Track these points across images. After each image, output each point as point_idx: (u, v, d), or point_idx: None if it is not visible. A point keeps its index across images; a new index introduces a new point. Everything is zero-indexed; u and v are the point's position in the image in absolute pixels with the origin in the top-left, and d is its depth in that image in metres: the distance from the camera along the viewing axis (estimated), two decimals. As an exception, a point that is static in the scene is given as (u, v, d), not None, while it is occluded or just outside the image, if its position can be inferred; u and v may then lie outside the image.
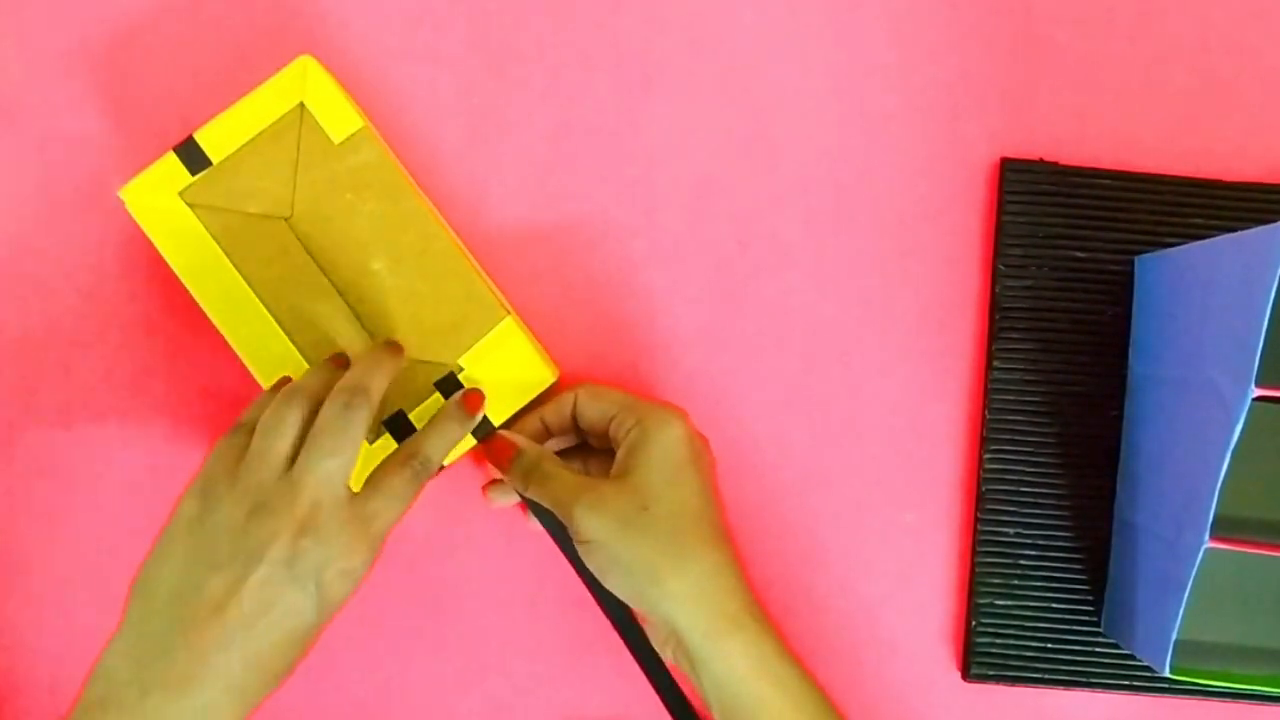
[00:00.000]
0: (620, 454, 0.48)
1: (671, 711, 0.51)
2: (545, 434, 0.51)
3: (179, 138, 0.50)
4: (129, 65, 0.54)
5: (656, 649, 0.48)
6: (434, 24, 0.54)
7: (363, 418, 0.44)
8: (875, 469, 0.54)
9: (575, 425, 0.51)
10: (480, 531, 0.54)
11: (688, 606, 0.45)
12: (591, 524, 0.46)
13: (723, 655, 0.45)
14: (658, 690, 0.51)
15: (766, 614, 0.46)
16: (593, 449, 0.52)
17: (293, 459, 0.43)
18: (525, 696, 0.54)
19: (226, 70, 0.54)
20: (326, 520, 0.42)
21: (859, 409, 0.54)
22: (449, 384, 0.50)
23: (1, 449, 0.54)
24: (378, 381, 0.46)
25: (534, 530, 0.52)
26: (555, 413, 0.51)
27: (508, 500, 0.52)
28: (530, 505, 0.50)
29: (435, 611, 0.54)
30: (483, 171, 0.54)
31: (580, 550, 0.47)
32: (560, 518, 0.47)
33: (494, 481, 0.53)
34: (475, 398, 0.50)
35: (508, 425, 0.51)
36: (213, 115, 0.50)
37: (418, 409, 0.50)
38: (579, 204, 0.54)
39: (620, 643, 0.53)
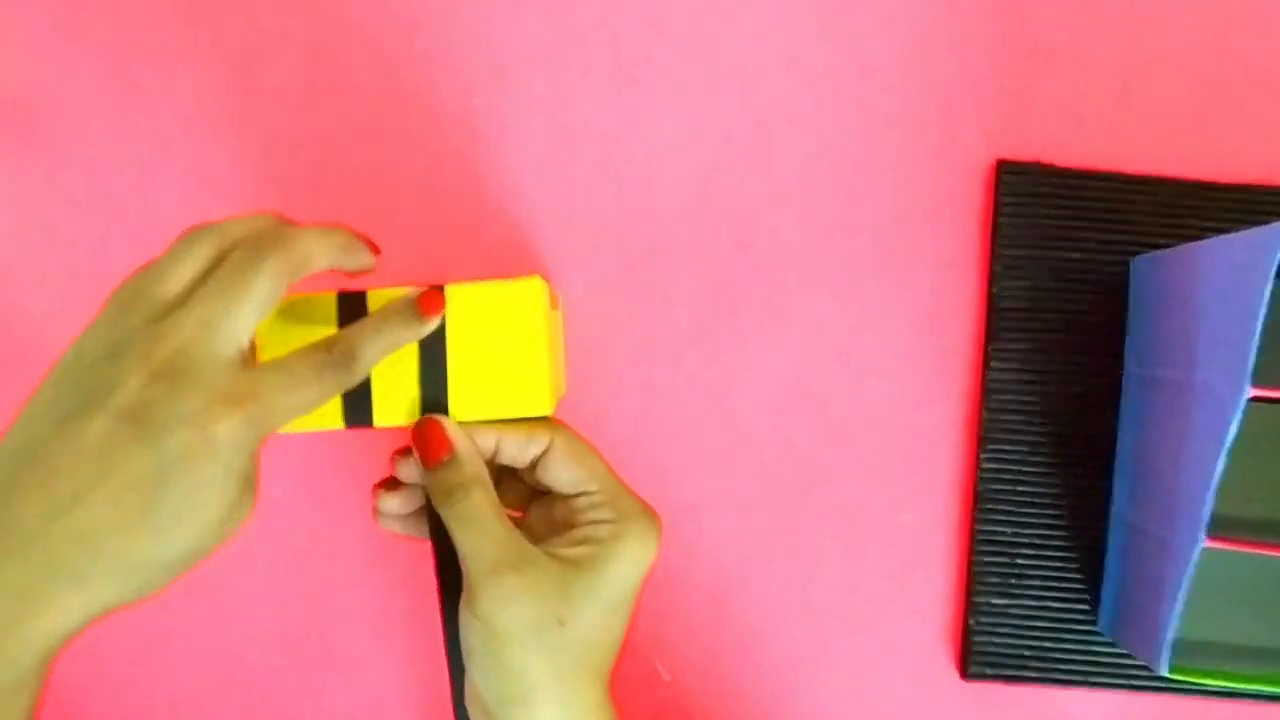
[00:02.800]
0: (574, 537, 0.41)
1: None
2: (491, 460, 0.42)
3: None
4: (132, 65, 0.54)
5: (470, 713, 0.42)
6: (434, 23, 0.54)
7: (275, 271, 0.36)
8: (873, 469, 0.54)
9: (530, 466, 0.43)
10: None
11: None
12: (496, 610, 0.38)
13: None
14: (450, 666, 0.44)
15: None
16: (512, 473, 0.44)
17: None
18: (525, 696, 0.54)
19: (225, 67, 0.54)
20: (192, 369, 0.34)
21: (856, 409, 0.54)
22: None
23: None
24: (310, 243, 0.37)
25: (386, 530, 0.44)
26: (519, 446, 0.42)
27: (398, 509, 0.43)
28: (430, 515, 0.42)
29: (435, 612, 0.54)
30: (482, 171, 0.54)
31: (464, 621, 0.39)
32: (463, 568, 0.40)
33: (392, 486, 0.43)
34: (433, 298, 0.41)
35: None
36: None
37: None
38: (579, 205, 0.54)
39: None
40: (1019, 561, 0.53)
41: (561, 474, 0.42)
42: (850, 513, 0.54)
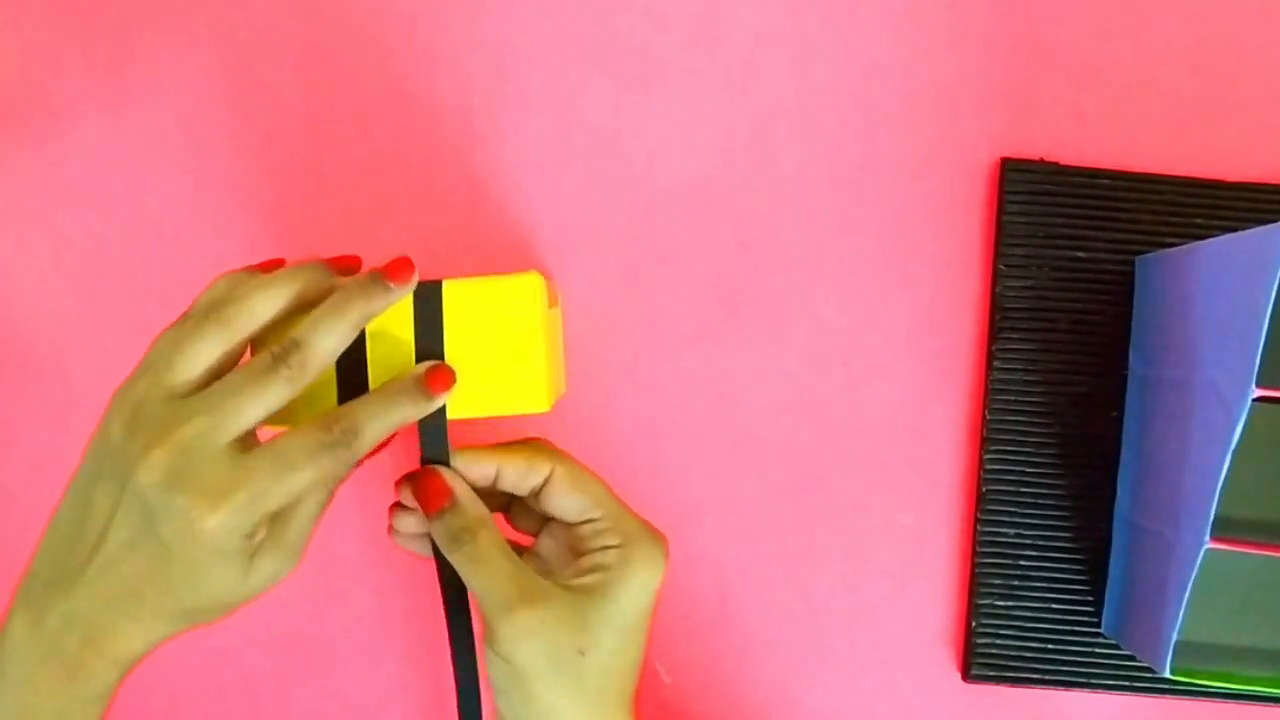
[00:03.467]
0: (583, 566, 0.41)
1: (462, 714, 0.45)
2: (491, 487, 0.43)
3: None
4: (130, 64, 0.54)
5: None
6: (433, 23, 0.54)
7: (289, 377, 0.38)
8: (875, 469, 0.54)
9: (531, 495, 0.43)
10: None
11: None
12: (516, 646, 0.39)
13: None
14: (457, 683, 0.44)
15: None
16: (518, 502, 0.44)
17: (199, 386, 0.38)
18: (525, 697, 0.53)
19: (224, 67, 0.54)
20: (190, 465, 0.37)
21: (859, 409, 0.54)
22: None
23: (1, 449, 0.54)
24: (333, 341, 0.39)
25: (401, 548, 0.45)
26: (520, 474, 0.42)
27: (414, 528, 0.43)
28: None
29: (437, 611, 0.54)
30: (482, 171, 0.54)
31: (488, 659, 0.40)
32: (480, 608, 0.40)
33: (405, 505, 0.43)
34: (443, 375, 0.41)
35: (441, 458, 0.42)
36: None
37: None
38: (579, 204, 0.54)
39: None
40: (1021, 563, 0.53)
41: (564, 503, 0.42)
42: (851, 513, 0.54)
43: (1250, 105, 0.55)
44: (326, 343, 0.39)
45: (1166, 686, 0.52)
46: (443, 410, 0.42)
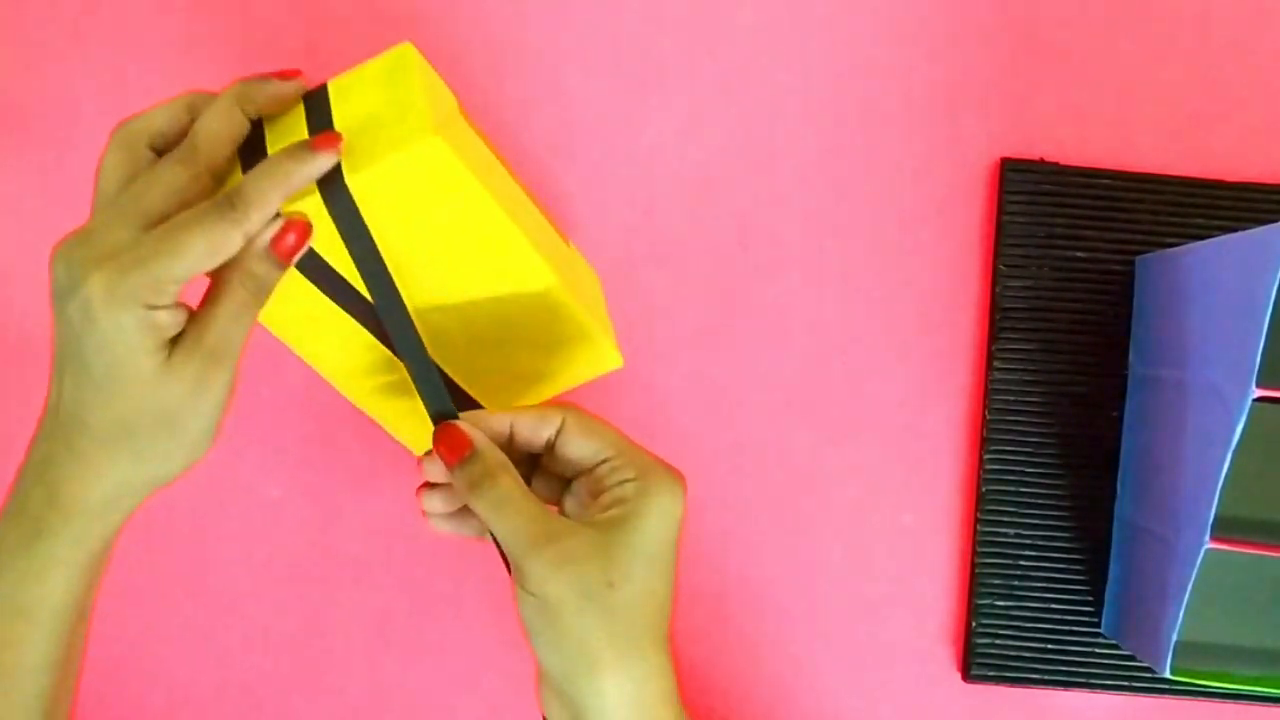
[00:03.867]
0: (604, 502, 0.41)
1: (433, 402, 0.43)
2: (507, 443, 0.43)
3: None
4: (129, 64, 0.54)
5: (542, 702, 0.43)
6: (433, 22, 0.54)
7: (186, 170, 0.39)
8: (875, 469, 0.54)
9: (547, 449, 0.43)
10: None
11: (616, 709, 0.40)
12: (547, 582, 0.39)
13: None
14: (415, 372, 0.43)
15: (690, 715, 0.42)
16: (542, 466, 0.45)
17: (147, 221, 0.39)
18: (525, 697, 0.53)
19: (224, 67, 0.54)
20: (87, 245, 0.38)
21: (859, 409, 0.54)
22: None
23: (1, 449, 0.54)
24: (269, 197, 0.39)
25: (440, 531, 0.45)
26: (533, 427, 0.43)
27: (441, 508, 0.44)
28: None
29: (436, 612, 0.54)
30: (482, 171, 0.54)
31: (520, 598, 0.40)
32: (507, 553, 0.41)
33: (431, 485, 0.44)
34: (329, 137, 0.40)
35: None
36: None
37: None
38: (579, 204, 0.54)
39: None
40: (1021, 563, 0.53)
41: (579, 448, 0.43)
42: (852, 513, 0.54)
43: (1250, 106, 0.55)
44: (258, 191, 0.40)
45: (1166, 686, 0.52)
46: (433, 365, 0.43)
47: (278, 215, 0.40)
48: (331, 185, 0.40)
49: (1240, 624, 0.49)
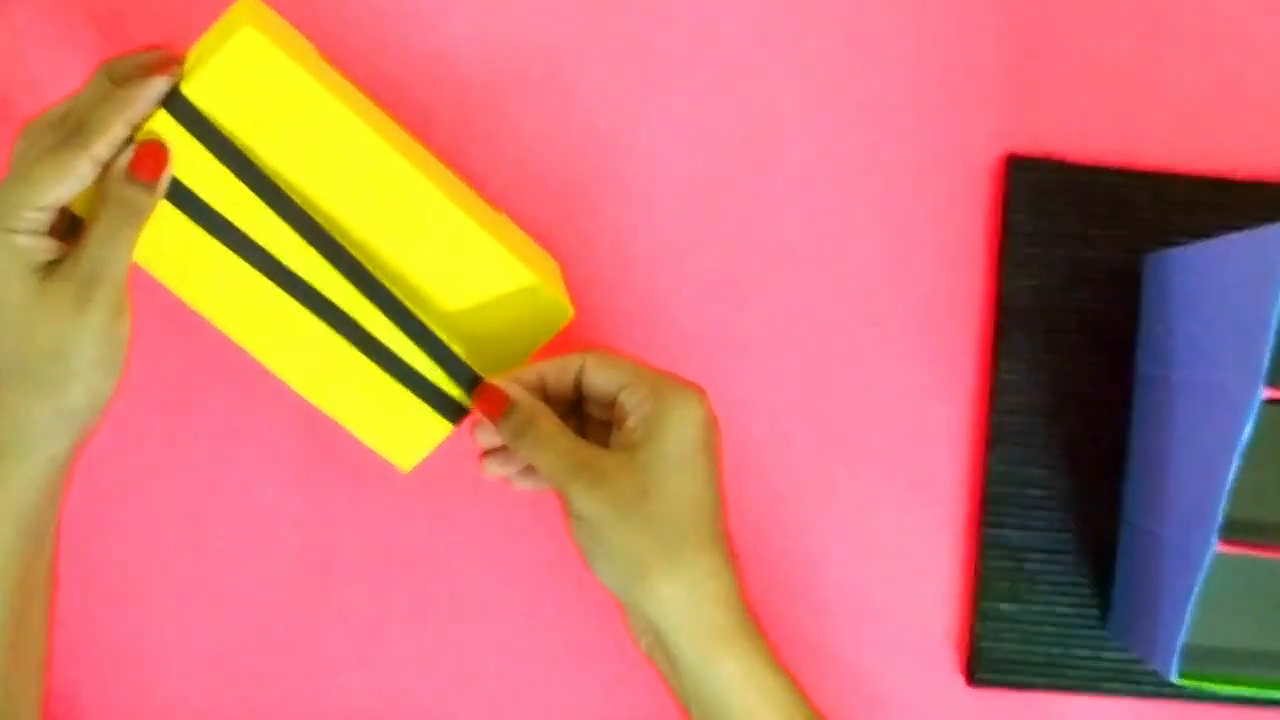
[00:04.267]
0: (628, 425, 0.44)
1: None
2: (542, 393, 0.47)
3: None
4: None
5: (634, 636, 0.46)
6: (432, 22, 0.54)
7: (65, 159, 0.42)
8: (879, 471, 0.54)
9: (577, 392, 0.47)
10: (479, 533, 0.54)
11: (674, 612, 0.42)
12: (585, 502, 0.43)
13: (708, 666, 0.43)
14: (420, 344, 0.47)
15: (757, 623, 0.44)
16: (589, 417, 0.48)
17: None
18: (524, 698, 0.53)
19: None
20: None
21: (862, 410, 0.54)
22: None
23: None
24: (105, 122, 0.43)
25: (522, 491, 0.49)
26: (558, 372, 0.46)
27: (504, 469, 0.47)
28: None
29: (435, 613, 0.54)
30: (481, 171, 0.54)
31: (571, 525, 0.44)
32: (553, 486, 0.44)
33: (490, 452, 0.48)
34: (162, 60, 0.45)
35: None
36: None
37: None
38: (579, 204, 0.54)
39: (620, 644, 0.53)
40: (1027, 566, 0.53)
41: (601, 381, 0.46)
42: (855, 515, 0.54)
43: (1259, 101, 0.54)
44: (99, 115, 0.43)
45: (1174, 691, 0.52)
46: (448, 348, 0.47)
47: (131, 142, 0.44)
48: (175, 103, 0.44)
49: (1248, 627, 0.49)
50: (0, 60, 0.54)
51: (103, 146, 0.43)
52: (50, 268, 0.42)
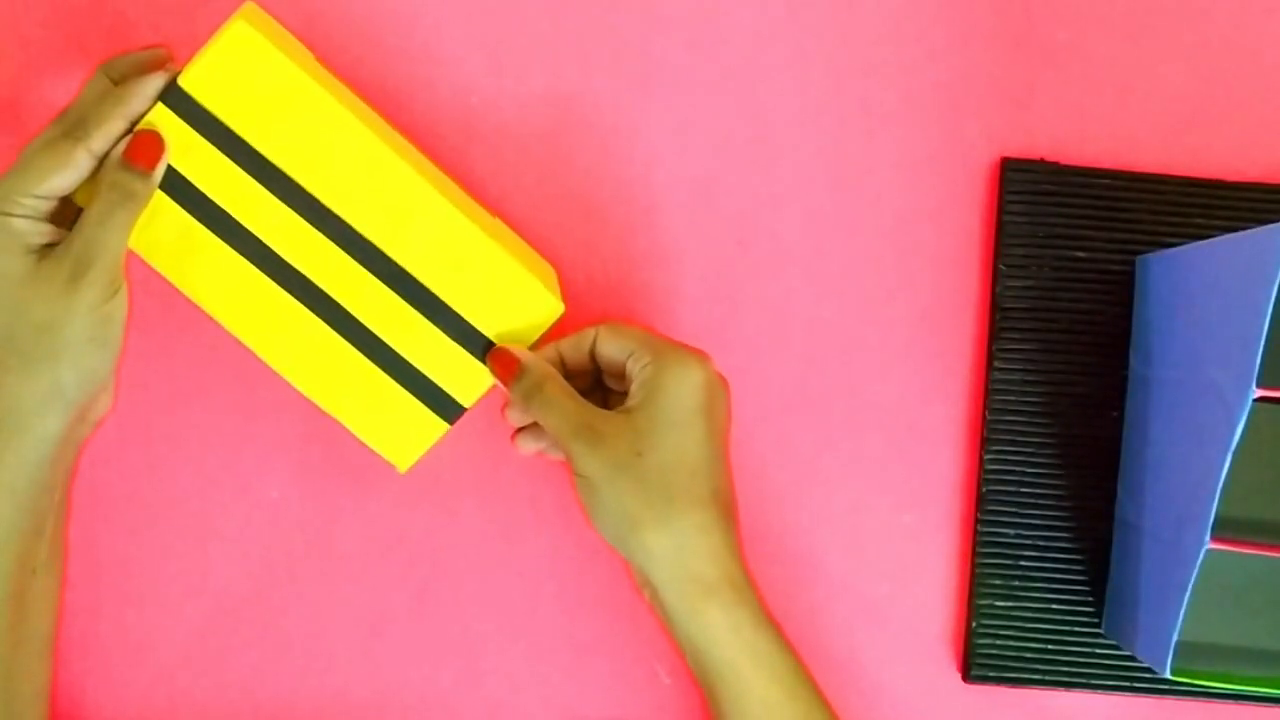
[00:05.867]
0: (631, 389, 0.47)
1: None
2: (561, 367, 0.49)
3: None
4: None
5: (638, 587, 0.48)
6: (433, 22, 0.54)
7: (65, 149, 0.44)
8: (875, 469, 0.54)
9: (594, 364, 0.49)
10: (479, 531, 0.54)
11: (664, 566, 0.44)
12: (585, 460, 0.45)
13: (695, 618, 0.45)
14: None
15: (749, 578, 0.46)
16: (611, 390, 0.50)
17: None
18: (525, 697, 0.53)
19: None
20: None
21: (859, 409, 0.54)
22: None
23: (0, 449, 0.54)
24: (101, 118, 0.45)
25: (526, 452, 0.50)
26: (574, 347, 0.49)
27: (536, 444, 0.50)
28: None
29: (435, 612, 0.54)
30: (481, 171, 0.54)
31: (576, 483, 0.46)
32: (559, 446, 0.47)
33: (522, 429, 0.50)
34: (158, 58, 0.48)
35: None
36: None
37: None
38: (578, 204, 0.54)
39: (620, 642, 0.53)
40: (1022, 563, 0.53)
41: (611, 350, 0.48)
42: (851, 514, 0.54)
43: (1251, 105, 0.54)
44: (99, 115, 0.45)
45: (1167, 687, 0.52)
46: (460, 315, 0.49)
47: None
48: (172, 96, 0.46)
49: (1241, 624, 0.49)
50: (8, 67, 0.54)
51: (100, 140, 0.45)
52: (46, 250, 0.44)
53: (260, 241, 0.48)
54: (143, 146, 0.45)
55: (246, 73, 0.46)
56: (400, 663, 0.54)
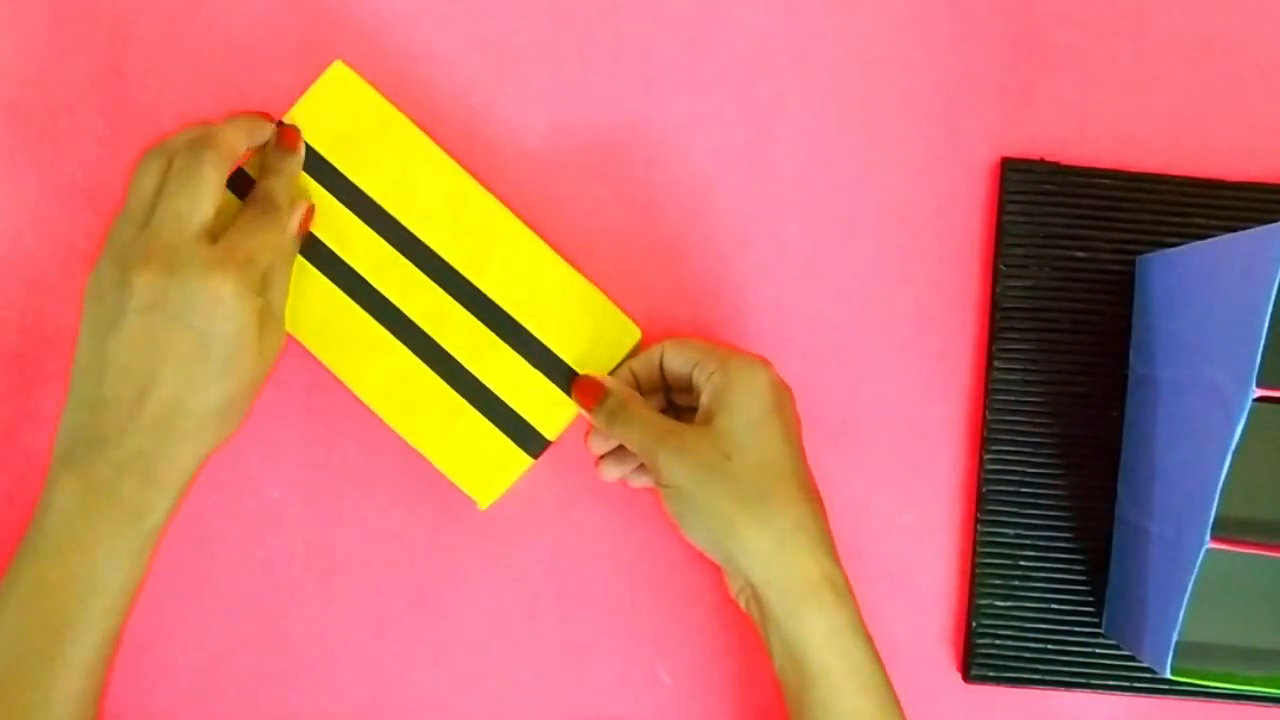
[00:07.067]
0: (703, 400, 0.47)
1: None
2: (635, 387, 0.51)
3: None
4: (128, 62, 0.54)
5: (732, 594, 0.48)
6: (433, 23, 0.54)
7: (214, 161, 0.46)
8: (875, 469, 0.54)
9: (663, 379, 0.50)
10: (479, 533, 0.54)
11: (765, 564, 0.44)
12: (673, 469, 0.45)
13: (796, 619, 0.44)
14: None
15: (847, 582, 0.46)
16: (681, 408, 0.51)
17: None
18: (525, 697, 0.53)
19: (223, 67, 0.54)
20: (181, 259, 0.44)
21: (859, 409, 0.54)
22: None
23: (1, 449, 0.54)
24: (230, 134, 0.48)
25: (639, 488, 0.51)
26: (643, 364, 0.50)
27: (620, 470, 0.51)
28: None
29: (436, 613, 0.54)
30: (481, 171, 0.54)
31: (663, 495, 0.46)
32: (644, 462, 0.47)
33: (604, 456, 0.51)
34: (290, 134, 0.51)
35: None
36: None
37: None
38: (578, 204, 0.54)
39: (620, 644, 0.53)
40: (1022, 563, 0.53)
41: (677, 361, 0.49)
42: (852, 513, 0.54)
43: (1251, 105, 0.54)
44: (230, 137, 0.48)
45: (1167, 687, 0.52)
46: (546, 347, 0.51)
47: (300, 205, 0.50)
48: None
49: (1241, 624, 0.49)
50: (8, 67, 0.54)
51: (291, 214, 0.49)
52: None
53: (352, 269, 0.50)
54: (305, 214, 0.50)
55: (345, 110, 0.51)
56: (400, 663, 0.54)
